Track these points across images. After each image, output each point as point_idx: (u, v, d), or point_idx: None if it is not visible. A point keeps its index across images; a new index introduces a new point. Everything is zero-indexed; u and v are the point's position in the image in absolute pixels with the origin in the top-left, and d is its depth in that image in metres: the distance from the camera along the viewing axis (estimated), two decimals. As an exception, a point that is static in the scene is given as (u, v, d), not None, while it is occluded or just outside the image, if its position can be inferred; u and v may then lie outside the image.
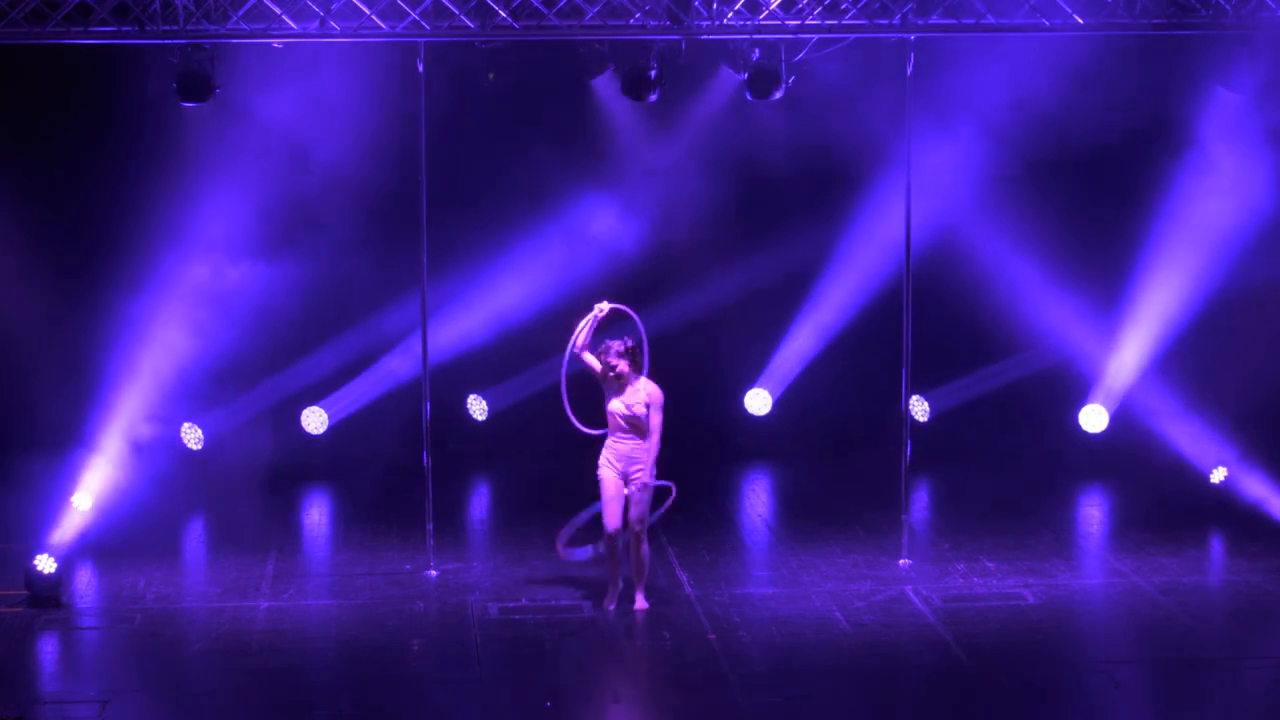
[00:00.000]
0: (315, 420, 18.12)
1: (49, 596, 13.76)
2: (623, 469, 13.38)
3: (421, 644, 13.09)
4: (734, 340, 18.66)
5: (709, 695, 12.10)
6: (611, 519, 13.42)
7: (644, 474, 13.34)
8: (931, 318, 16.64)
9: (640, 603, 13.59)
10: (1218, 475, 16.82)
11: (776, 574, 14.67)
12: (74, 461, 16.18)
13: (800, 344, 18.56)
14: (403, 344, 17.90)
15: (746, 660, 12.65)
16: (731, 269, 18.52)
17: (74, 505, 15.58)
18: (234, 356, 17.75)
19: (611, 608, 13.56)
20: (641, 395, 13.34)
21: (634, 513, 13.44)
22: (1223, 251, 17.60)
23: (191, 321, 17.55)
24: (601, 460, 13.46)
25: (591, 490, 13.56)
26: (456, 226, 17.49)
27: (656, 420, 13.36)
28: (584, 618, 13.52)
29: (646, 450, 13.34)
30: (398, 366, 17.98)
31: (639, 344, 13.43)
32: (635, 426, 13.34)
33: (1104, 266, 18.02)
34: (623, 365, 13.29)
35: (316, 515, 17.08)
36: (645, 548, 13.54)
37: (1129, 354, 17.92)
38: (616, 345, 13.34)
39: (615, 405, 13.36)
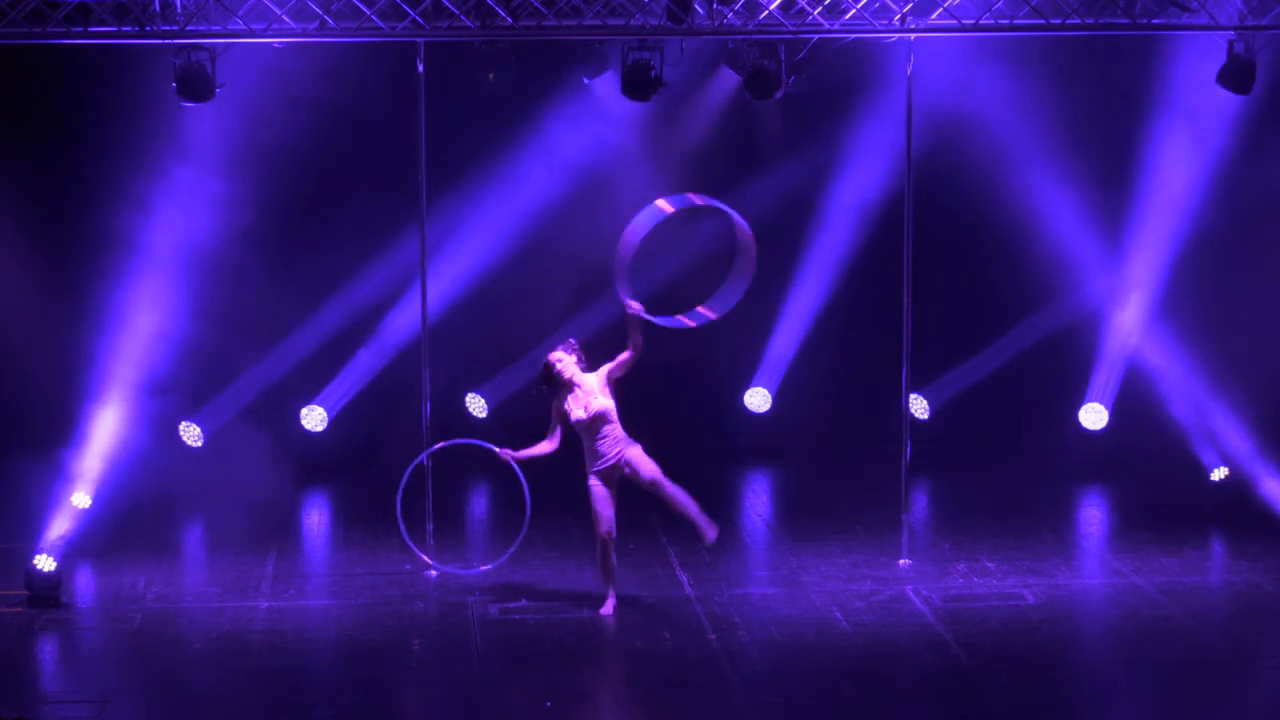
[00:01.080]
0: (314, 418, 18.10)
1: (49, 596, 13.76)
2: (616, 458, 13.32)
3: (421, 644, 13.09)
4: (733, 338, 18.64)
5: (709, 695, 12.10)
6: (606, 521, 13.41)
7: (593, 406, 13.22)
8: (932, 291, 16.69)
9: (710, 530, 13.41)
10: (1219, 474, 16.82)
11: (776, 574, 14.67)
12: (73, 460, 16.18)
13: (798, 336, 18.54)
14: (400, 339, 17.93)
15: (746, 660, 12.66)
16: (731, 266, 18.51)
17: (73, 504, 15.58)
18: (233, 355, 17.76)
19: (608, 614, 13.53)
20: (595, 384, 13.24)
21: (646, 473, 13.29)
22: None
23: (191, 319, 17.57)
24: (590, 477, 13.40)
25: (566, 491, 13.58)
26: (454, 223, 17.53)
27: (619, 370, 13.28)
28: (583, 618, 13.52)
29: (614, 429, 13.23)
30: (394, 361, 17.99)
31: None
32: (605, 418, 13.26)
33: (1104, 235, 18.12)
34: (578, 364, 13.26)
35: (316, 515, 17.09)
36: (674, 488, 13.31)
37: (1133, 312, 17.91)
38: (566, 352, 13.26)
39: (579, 412, 13.26)
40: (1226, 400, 17.35)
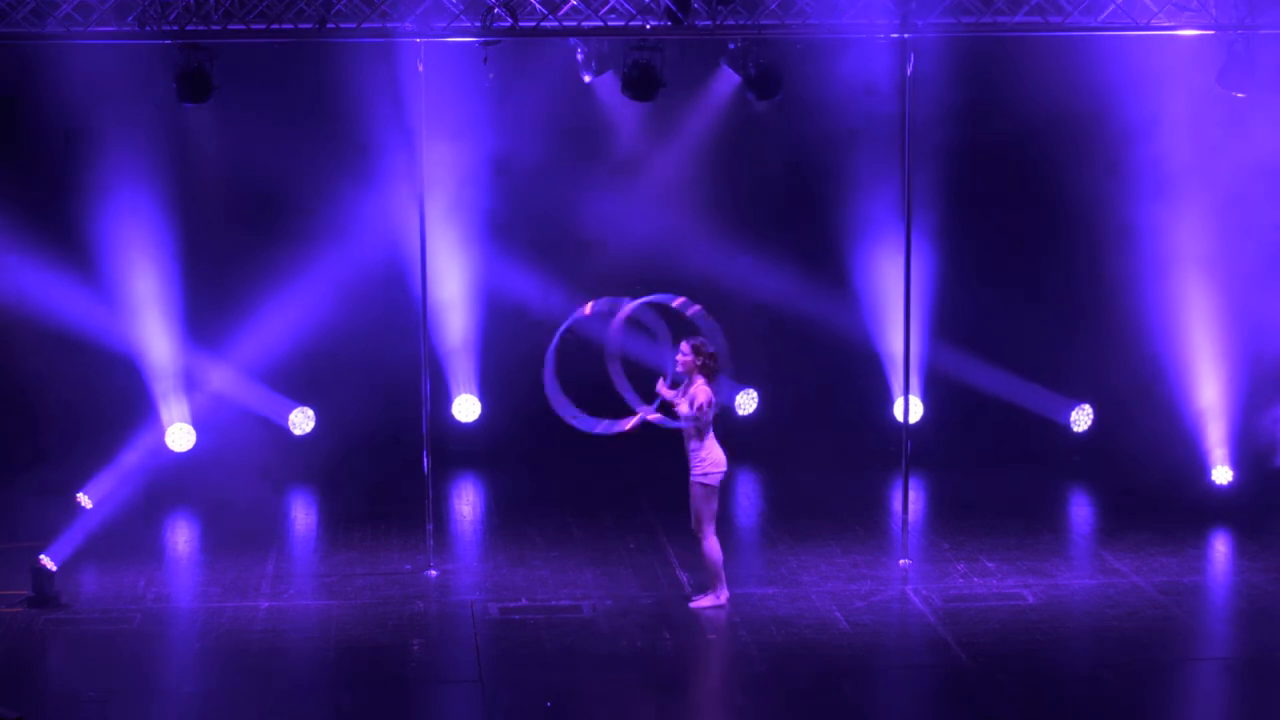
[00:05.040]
0: (301, 419, 18.04)
1: (49, 596, 13.77)
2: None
3: (421, 644, 13.10)
4: (733, 339, 18.62)
5: (709, 695, 12.10)
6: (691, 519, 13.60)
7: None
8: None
9: (699, 599, 13.69)
10: (1220, 474, 16.82)
11: (776, 574, 14.67)
12: (78, 462, 16.20)
13: (795, 336, 18.54)
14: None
15: (746, 660, 12.66)
16: (730, 268, 18.50)
17: (78, 504, 15.59)
18: (229, 355, 17.76)
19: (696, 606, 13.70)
20: (694, 395, 13.34)
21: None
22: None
23: (194, 319, 17.60)
24: None
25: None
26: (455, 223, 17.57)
27: (700, 398, 13.34)
28: (584, 618, 13.53)
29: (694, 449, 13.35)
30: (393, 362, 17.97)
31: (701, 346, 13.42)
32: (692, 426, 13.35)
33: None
34: (687, 361, 13.36)
35: (315, 515, 17.07)
36: (705, 544, 13.50)
37: None
38: (685, 350, 13.41)
39: (684, 405, 13.39)
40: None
